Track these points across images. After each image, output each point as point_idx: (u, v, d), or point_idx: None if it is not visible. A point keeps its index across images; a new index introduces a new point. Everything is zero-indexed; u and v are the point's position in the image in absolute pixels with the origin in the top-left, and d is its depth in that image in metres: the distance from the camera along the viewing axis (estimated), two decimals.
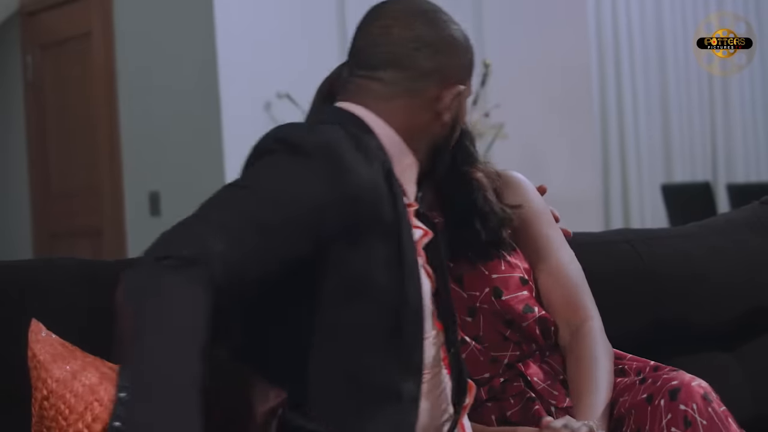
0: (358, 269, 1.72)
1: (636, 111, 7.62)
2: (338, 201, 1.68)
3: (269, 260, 1.64)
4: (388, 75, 1.86)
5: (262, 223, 1.62)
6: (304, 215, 1.66)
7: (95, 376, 1.69)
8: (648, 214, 7.55)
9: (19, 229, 6.57)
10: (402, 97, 1.86)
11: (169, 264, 1.52)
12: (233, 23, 5.36)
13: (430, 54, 1.87)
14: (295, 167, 1.69)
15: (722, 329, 2.64)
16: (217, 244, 1.55)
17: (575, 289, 2.17)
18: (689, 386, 1.94)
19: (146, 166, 5.75)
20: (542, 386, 2.14)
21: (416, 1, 1.91)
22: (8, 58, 6.56)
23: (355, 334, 1.73)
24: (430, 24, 1.89)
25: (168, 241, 1.56)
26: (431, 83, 1.87)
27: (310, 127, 1.80)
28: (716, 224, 2.76)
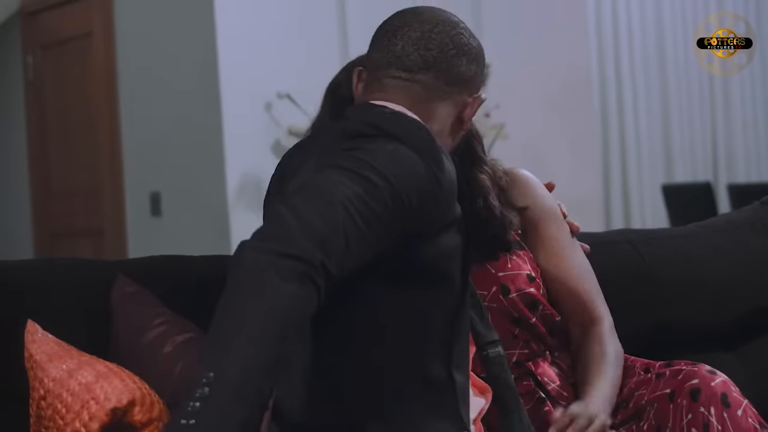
0: (435, 258, 1.74)
1: (636, 111, 7.62)
2: (434, 196, 1.71)
3: (373, 252, 1.64)
4: (428, 77, 1.89)
5: (375, 216, 1.63)
6: (408, 205, 1.68)
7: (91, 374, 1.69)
8: (649, 215, 7.55)
9: (19, 229, 6.56)
10: (439, 101, 1.90)
11: (293, 268, 1.48)
12: (233, 23, 5.35)
13: (467, 62, 1.92)
14: (403, 156, 1.70)
15: (724, 329, 2.64)
16: (340, 248, 1.55)
17: (585, 290, 2.19)
18: (709, 387, 1.98)
19: (147, 166, 5.74)
20: (552, 386, 2.15)
21: (447, 12, 1.97)
22: (9, 58, 6.56)
23: (429, 320, 1.75)
24: (465, 34, 1.94)
25: (294, 235, 1.52)
26: (464, 90, 1.92)
27: (404, 117, 1.81)
28: (717, 225, 2.76)
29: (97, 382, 1.66)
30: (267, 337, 1.44)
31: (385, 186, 1.65)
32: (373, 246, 1.63)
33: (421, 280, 1.74)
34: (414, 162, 1.70)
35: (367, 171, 1.65)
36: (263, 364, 1.43)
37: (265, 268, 1.47)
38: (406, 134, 1.74)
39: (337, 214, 1.58)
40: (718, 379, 1.99)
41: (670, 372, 2.05)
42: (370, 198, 1.62)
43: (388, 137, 1.73)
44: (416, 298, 1.74)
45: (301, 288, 1.48)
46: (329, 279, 1.53)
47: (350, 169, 1.65)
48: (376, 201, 1.63)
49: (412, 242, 1.71)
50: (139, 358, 1.96)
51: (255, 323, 1.44)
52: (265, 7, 5.44)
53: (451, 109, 1.92)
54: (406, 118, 1.81)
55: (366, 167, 1.66)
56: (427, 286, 1.75)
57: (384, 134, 1.74)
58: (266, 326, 1.44)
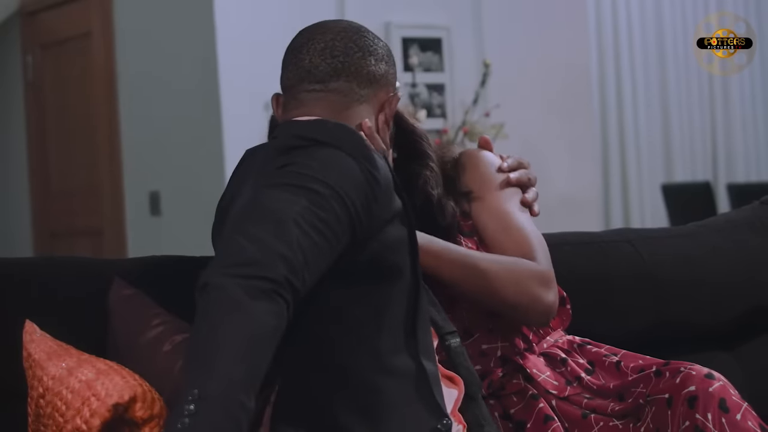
0: (382, 252, 1.77)
1: (636, 111, 7.62)
2: (373, 193, 1.74)
3: (330, 258, 1.69)
4: (340, 84, 1.94)
5: (325, 224, 1.66)
6: (351, 207, 1.71)
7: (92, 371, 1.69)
8: (648, 214, 7.56)
9: (19, 229, 6.56)
10: (357, 105, 1.95)
11: (259, 287, 1.54)
12: (233, 23, 5.35)
13: (376, 61, 1.97)
14: (338, 161, 1.74)
15: (722, 329, 2.64)
16: (299, 261, 1.59)
17: (527, 242, 2.14)
18: (706, 392, 1.96)
19: (146, 165, 5.74)
20: (542, 377, 2.15)
21: (342, 21, 2.04)
22: (8, 57, 6.56)
23: (385, 313, 1.77)
24: (368, 36, 2.00)
25: (251, 255, 1.57)
26: (379, 89, 1.98)
27: (330, 123, 1.85)
28: (716, 224, 2.76)
29: (97, 379, 1.66)
30: (243, 353, 1.50)
31: (329, 193, 1.69)
32: (328, 254, 1.68)
33: (370, 276, 1.77)
34: (349, 164, 1.74)
35: (308, 182, 1.69)
36: (243, 380, 1.49)
37: (235, 291, 1.53)
38: (336, 138, 1.78)
39: (290, 231, 1.62)
40: (716, 384, 1.98)
41: (669, 372, 2.04)
42: (317, 208, 1.66)
43: (319, 144, 1.77)
44: (369, 294, 1.77)
45: (271, 305, 1.54)
46: (295, 294, 1.58)
47: (291, 184, 1.69)
48: (324, 209, 1.67)
49: (360, 241, 1.74)
50: (138, 356, 1.96)
51: (232, 342, 1.50)
52: (265, 6, 5.44)
53: (371, 110, 1.97)
54: (331, 123, 1.85)
55: (306, 179, 1.69)
56: (377, 281, 1.78)
57: (314, 143, 1.77)
58: (242, 343, 1.50)
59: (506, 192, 2.21)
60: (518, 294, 2.07)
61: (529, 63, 6.20)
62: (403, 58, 5.78)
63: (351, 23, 2.03)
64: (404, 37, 5.83)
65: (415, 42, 5.86)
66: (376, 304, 1.78)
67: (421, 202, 2.14)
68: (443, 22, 5.97)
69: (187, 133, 5.53)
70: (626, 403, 2.07)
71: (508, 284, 2.07)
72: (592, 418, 2.09)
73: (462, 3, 6.07)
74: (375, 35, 2.02)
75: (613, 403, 2.09)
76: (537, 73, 6.22)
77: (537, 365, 2.16)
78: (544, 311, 2.10)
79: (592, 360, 2.19)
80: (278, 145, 1.81)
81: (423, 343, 1.82)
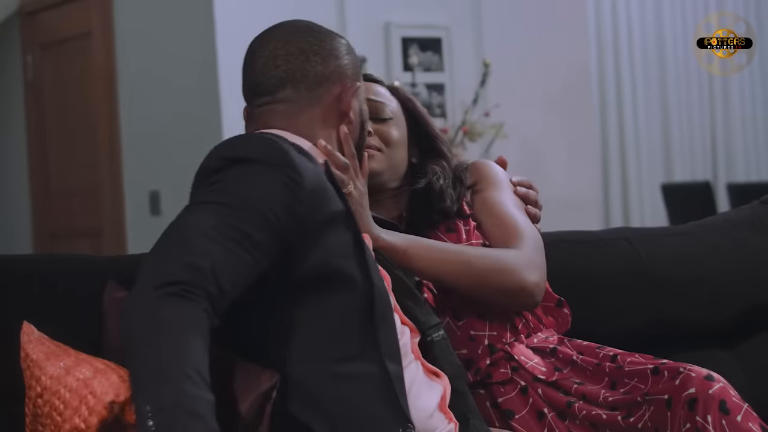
0: (325, 260, 1.78)
1: (636, 110, 7.62)
2: (297, 199, 1.75)
3: (251, 268, 1.70)
4: (288, 93, 1.96)
5: (239, 234, 1.68)
6: (272, 217, 1.72)
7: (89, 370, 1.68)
8: (648, 214, 7.56)
9: (19, 229, 6.56)
10: (307, 109, 1.97)
11: (170, 292, 1.57)
12: (233, 23, 5.36)
13: (322, 60, 1.98)
14: (253, 174, 1.76)
15: (721, 327, 2.64)
16: (207, 266, 1.62)
17: (515, 227, 2.23)
18: (706, 394, 1.97)
19: (146, 165, 5.75)
20: (530, 364, 2.19)
21: (286, 24, 2.05)
22: (8, 57, 6.56)
23: (334, 321, 1.78)
24: (309, 35, 2.01)
25: (160, 270, 1.61)
26: (330, 86, 1.98)
27: (253, 137, 1.87)
28: (715, 223, 2.76)
29: (95, 377, 1.65)
30: (177, 355, 1.52)
31: (240, 205, 1.70)
32: (251, 262, 1.69)
33: (318, 284, 1.78)
34: (267, 175, 1.75)
35: (221, 197, 1.72)
36: (188, 377, 1.51)
37: (148, 301, 1.57)
38: (254, 152, 1.79)
39: (197, 244, 1.64)
40: (716, 385, 1.98)
41: (668, 372, 2.04)
42: (231, 220, 1.69)
43: (240, 162, 1.78)
44: (318, 303, 1.78)
45: (184, 303, 1.57)
46: (209, 292, 1.60)
47: (204, 201, 1.73)
48: (238, 220, 1.69)
49: (298, 250, 1.76)
50: None
51: (162, 349, 1.53)
52: (265, 6, 5.44)
53: (327, 109, 1.98)
54: (252, 137, 1.85)
55: (220, 195, 1.72)
56: (325, 288, 1.79)
57: (235, 161, 1.78)
58: (171, 347, 1.53)
59: (505, 189, 2.31)
60: (503, 282, 2.14)
61: (528, 63, 6.20)
62: (403, 57, 5.78)
63: (297, 25, 2.04)
64: (404, 37, 5.83)
65: (414, 42, 5.86)
66: (327, 313, 1.78)
67: (422, 188, 2.27)
68: (443, 22, 5.97)
69: (187, 132, 5.53)
70: (618, 394, 2.08)
71: (491, 274, 2.14)
72: (576, 406, 2.11)
73: (462, 3, 6.07)
74: (324, 31, 2.03)
75: (604, 390, 2.10)
76: (537, 72, 6.22)
77: (524, 353, 2.20)
78: (530, 292, 2.15)
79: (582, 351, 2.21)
80: (206, 167, 1.83)
81: (386, 344, 1.81)
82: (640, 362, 2.11)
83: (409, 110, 2.35)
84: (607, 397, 2.09)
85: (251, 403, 1.67)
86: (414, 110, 2.36)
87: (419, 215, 2.28)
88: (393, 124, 2.30)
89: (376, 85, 2.35)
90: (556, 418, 2.13)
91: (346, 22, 5.63)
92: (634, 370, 2.09)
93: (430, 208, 2.27)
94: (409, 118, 2.35)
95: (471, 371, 2.19)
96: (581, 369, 2.16)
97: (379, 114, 2.29)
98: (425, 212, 2.27)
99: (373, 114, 2.27)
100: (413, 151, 2.33)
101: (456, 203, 2.28)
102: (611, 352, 2.17)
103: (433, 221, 2.27)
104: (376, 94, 2.31)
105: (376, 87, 2.34)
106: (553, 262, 2.25)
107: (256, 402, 1.67)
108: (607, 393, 2.10)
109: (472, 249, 2.19)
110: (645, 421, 2.02)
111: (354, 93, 2.00)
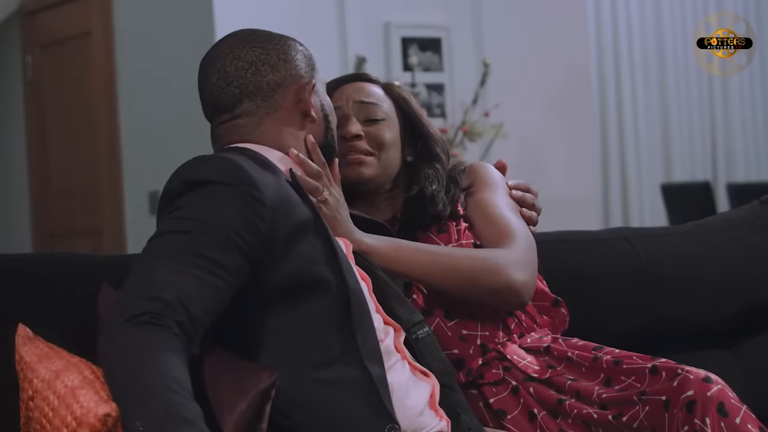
0: (297, 268, 1.80)
1: (635, 110, 7.62)
2: (258, 215, 1.77)
3: (224, 292, 1.72)
4: (246, 106, 1.99)
5: (205, 261, 1.71)
6: (237, 239, 1.74)
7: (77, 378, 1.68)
8: (647, 214, 7.55)
9: (18, 228, 6.56)
10: (268, 118, 1.99)
11: (139, 321, 1.61)
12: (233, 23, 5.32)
13: (270, 68, 1.99)
14: (213, 197, 1.78)
15: (720, 327, 2.64)
16: (172, 297, 1.64)
17: (507, 228, 2.23)
18: (704, 396, 1.96)
19: (146, 165, 5.74)
20: (523, 363, 2.18)
21: (231, 37, 2.04)
22: (8, 57, 6.56)
23: (312, 327, 1.80)
24: (254, 46, 2.01)
25: (127, 305, 1.64)
26: (285, 91, 2.00)
27: (210, 158, 1.88)
28: (715, 223, 2.76)
29: (82, 388, 1.65)
30: (157, 372, 1.56)
31: (202, 231, 1.73)
32: (220, 285, 1.71)
33: (293, 292, 1.80)
34: (227, 195, 1.77)
35: (183, 225, 1.74)
36: (171, 390, 1.55)
37: (119, 333, 1.61)
38: (212, 174, 1.81)
39: (157, 273, 1.67)
40: (714, 387, 1.97)
41: (666, 373, 2.03)
42: (193, 247, 1.71)
43: (199, 184, 1.80)
44: (295, 309, 1.80)
45: (154, 328, 1.61)
46: (178, 321, 1.63)
47: (167, 232, 1.75)
48: (201, 246, 1.71)
49: (268, 264, 1.78)
50: None
51: (143, 368, 1.57)
52: (264, 6, 5.44)
53: (286, 114, 2.00)
54: (210, 159, 1.88)
55: (181, 223, 1.75)
56: (301, 296, 1.80)
57: (194, 184, 1.81)
58: (149, 365, 1.57)
59: (499, 191, 2.31)
60: (490, 281, 2.14)
61: (528, 63, 6.20)
62: (403, 57, 5.78)
63: (241, 36, 2.03)
64: (404, 37, 5.83)
65: (414, 42, 5.86)
66: (304, 319, 1.80)
67: (415, 193, 2.27)
68: (443, 22, 5.97)
69: (187, 132, 5.51)
70: (613, 391, 2.07)
71: (478, 274, 2.14)
72: (568, 404, 2.10)
73: (461, 3, 6.07)
74: (268, 38, 2.03)
75: (598, 387, 2.09)
76: (536, 72, 6.22)
77: (517, 352, 2.20)
78: (516, 291, 2.15)
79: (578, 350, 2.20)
80: (165, 194, 1.86)
81: (365, 347, 1.82)
82: (636, 361, 2.10)
83: (402, 109, 2.34)
84: (600, 393, 2.08)
85: (250, 401, 1.67)
86: (408, 109, 2.34)
87: (412, 217, 2.28)
88: (385, 125, 2.29)
89: (369, 84, 2.34)
90: (547, 417, 2.12)
91: (345, 22, 5.63)
92: (632, 368, 2.08)
93: (423, 212, 2.27)
94: (403, 118, 2.34)
95: (463, 372, 2.19)
96: (576, 365, 2.15)
97: (370, 115, 2.29)
98: (418, 215, 2.28)
99: (364, 116, 2.28)
100: (408, 150, 2.33)
101: (448, 207, 2.28)
102: (608, 355, 2.15)
103: (425, 224, 2.27)
104: (368, 96, 2.31)
105: (369, 87, 2.33)
106: (552, 262, 2.25)
107: (255, 400, 1.67)
108: (601, 390, 2.08)
109: (459, 250, 2.20)
110: (641, 420, 2.01)
111: (311, 90, 2.02)
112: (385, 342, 1.91)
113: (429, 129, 2.35)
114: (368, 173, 2.25)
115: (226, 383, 1.70)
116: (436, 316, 2.21)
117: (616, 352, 2.15)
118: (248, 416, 1.66)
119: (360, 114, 2.30)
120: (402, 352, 1.97)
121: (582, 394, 2.10)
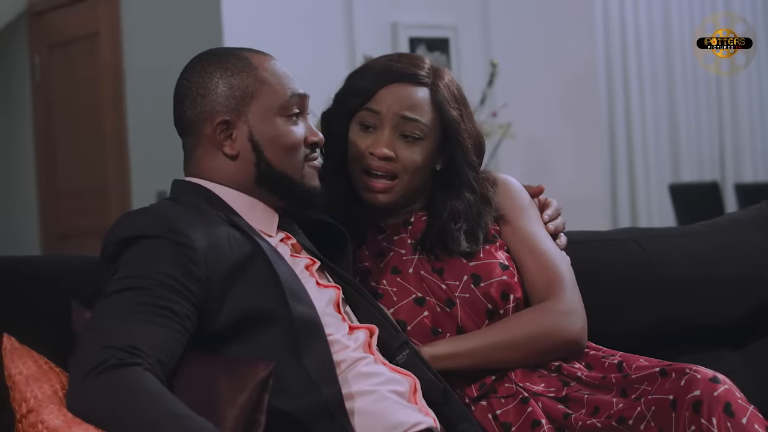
0: (239, 307, 1.81)
1: (643, 111, 7.61)
2: (191, 261, 1.78)
3: (181, 333, 1.74)
4: (185, 141, 2.03)
5: (157, 308, 1.73)
6: (178, 286, 1.76)
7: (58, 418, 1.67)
8: (655, 214, 7.54)
9: (26, 229, 6.57)
10: (203, 153, 2.00)
11: (101, 369, 1.63)
12: (240, 23, 5.36)
13: (190, 104, 1.98)
14: (146, 251, 1.80)
15: (729, 328, 2.63)
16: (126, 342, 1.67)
17: (554, 269, 2.20)
18: (711, 396, 1.95)
19: (154, 166, 5.74)
20: (536, 389, 2.14)
21: (191, 60, 2.04)
22: (16, 58, 6.57)
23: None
24: (189, 73, 2.01)
25: (81, 363, 1.66)
26: (201, 127, 1.98)
27: (136, 214, 1.91)
28: (723, 223, 2.75)
29: (70, 428, 1.63)
30: (156, 404, 1.60)
31: (146, 284, 1.75)
32: (173, 328, 1.73)
33: (239, 329, 1.81)
34: (157, 246, 1.79)
35: (126, 284, 1.76)
36: (182, 416, 1.59)
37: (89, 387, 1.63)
38: (140, 229, 1.83)
39: (110, 328, 1.70)
40: (721, 387, 1.96)
41: (675, 373, 2.02)
42: (142, 298, 1.73)
43: (130, 242, 1.82)
44: (244, 344, 1.81)
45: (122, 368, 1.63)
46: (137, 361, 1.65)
47: (111, 293, 1.76)
48: (150, 297, 1.73)
49: (210, 307, 1.80)
50: None
51: (141, 407, 1.60)
52: (272, 7, 5.44)
53: (209, 149, 1.99)
54: (136, 214, 1.90)
55: (123, 282, 1.77)
56: (247, 332, 1.82)
57: (126, 242, 1.83)
58: (143, 401, 1.60)
59: (533, 215, 2.27)
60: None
61: (536, 63, 6.20)
62: None
63: (191, 62, 2.04)
64: (411, 37, 5.83)
65: (422, 42, 5.86)
66: (254, 353, 1.79)
67: (436, 230, 2.18)
68: (450, 22, 5.97)
69: None
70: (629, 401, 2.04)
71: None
72: (573, 418, 2.08)
73: (469, 3, 6.07)
74: (205, 63, 2.00)
75: (615, 398, 2.07)
76: (544, 73, 6.22)
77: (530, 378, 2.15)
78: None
79: (590, 363, 2.18)
80: (102, 255, 1.88)
81: (319, 371, 1.82)
82: (647, 366, 2.09)
83: (444, 121, 2.18)
84: (618, 404, 2.05)
85: (250, 392, 1.68)
86: (446, 113, 2.18)
87: (433, 247, 2.18)
88: (420, 145, 2.15)
89: (417, 90, 2.16)
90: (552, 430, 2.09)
91: (353, 22, 5.63)
92: (642, 376, 2.06)
93: (444, 249, 2.18)
94: (440, 123, 2.18)
95: (476, 385, 2.15)
96: (586, 384, 2.12)
97: (408, 131, 2.15)
98: (439, 248, 2.18)
99: (401, 130, 2.14)
100: (437, 158, 2.19)
101: (474, 246, 2.18)
102: (616, 360, 2.14)
103: (450, 248, 2.18)
104: (411, 109, 2.14)
105: (416, 94, 2.16)
106: None
107: (254, 391, 1.68)
108: (618, 400, 2.06)
109: (512, 321, 2.15)
110: (648, 421, 2.00)
111: (220, 127, 1.97)
112: (348, 352, 1.90)
113: (464, 142, 2.18)
114: (385, 200, 2.17)
115: (223, 379, 1.71)
116: (446, 333, 2.16)
117: (624, 358, 2.14)
118: (248, 409, 1.67)
119: (397, 128, 2.14)
120: (375, 353, 1.95)
121: (601, 406, 2.07)
